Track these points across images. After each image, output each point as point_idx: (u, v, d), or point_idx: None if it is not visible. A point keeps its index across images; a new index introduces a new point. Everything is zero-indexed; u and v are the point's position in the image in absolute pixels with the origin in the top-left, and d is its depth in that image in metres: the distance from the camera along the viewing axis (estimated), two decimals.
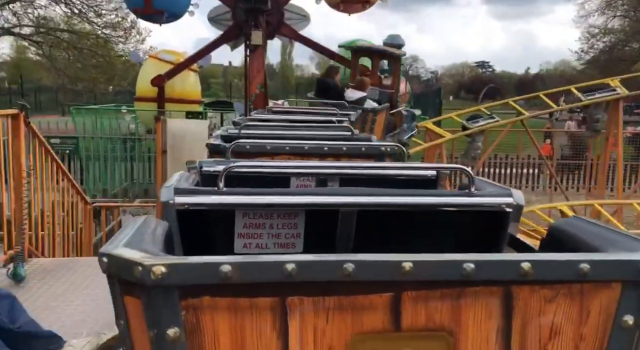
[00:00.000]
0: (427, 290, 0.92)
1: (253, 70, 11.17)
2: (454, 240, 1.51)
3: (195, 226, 1.41)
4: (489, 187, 1.45)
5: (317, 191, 1.58)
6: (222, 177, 1.32)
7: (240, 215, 1.42)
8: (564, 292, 0.94)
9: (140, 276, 0.84)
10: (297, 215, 1.45)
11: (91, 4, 24.25)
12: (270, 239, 1.46)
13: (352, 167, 1.79)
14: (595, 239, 1.08)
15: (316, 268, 0.88)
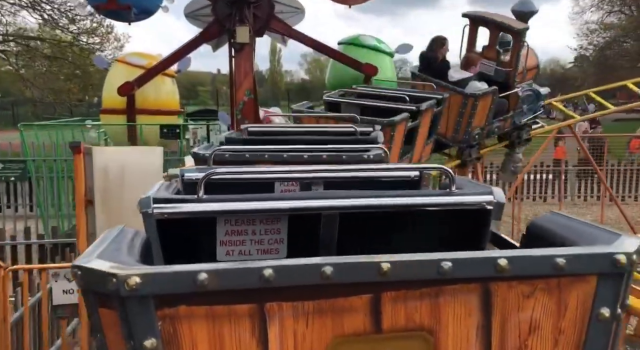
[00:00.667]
0: (406, 290, 0.93)
1: (240, 73, 9.40)
2: (437, 240, 1.49)
3: (176, 235, 1.39)
4: (470, 186, 1.46)
5: (298, 195, 1.55)
6: (201, 184, 1.30)
7: (221, 222, 1.40)
8: (542, 287, 0.95)
9: (114, 287, 0.83)
10: (279, 220, 1.43)
11: (63, 10, 22.32)
12: (253, 245, 1.44)
13: (335, 171, 1.69)
14: (572, 233, 1.11)
15: (294, 272, 0.88)
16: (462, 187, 1.44)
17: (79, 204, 2.71)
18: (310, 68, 63.44)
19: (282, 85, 61.58)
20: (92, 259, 0.89)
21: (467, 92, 6.16)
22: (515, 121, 6.98)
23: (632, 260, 0.95)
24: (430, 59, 6.79)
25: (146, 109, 9.83)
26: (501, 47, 6.90)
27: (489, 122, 6.55)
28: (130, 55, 10.64)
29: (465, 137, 6.45)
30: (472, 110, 6.18)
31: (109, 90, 9.92)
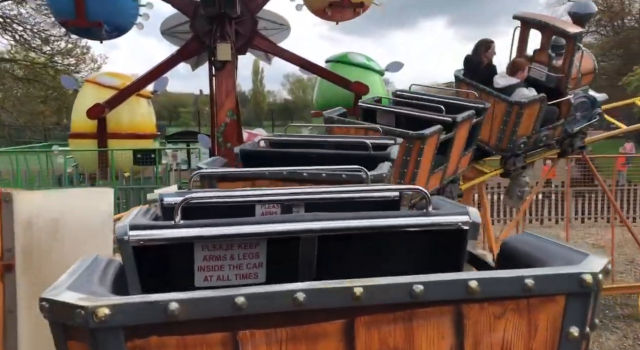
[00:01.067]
0: (379, 315, 0.93)
1: (221, 93, 8.73)
2: (416, 261, 1.48)
3: (153, 261, 1.37)
4: (446, 206, 1.46)
5: (276, 219, 1.49)
6: (177, 209, 1.28)
7: (199, 247, 1.38)
8: (512, 307, 0.97)
9: (82, 320, 0.82)
10: (258, 244, 1.42)
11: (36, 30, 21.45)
12: (232, 270, 1.42)
13: (316, 192, 1.69)
14: (542, 253, 1.14)
15: (266, 299, 0.88)
16: (439, 208, 1.45)
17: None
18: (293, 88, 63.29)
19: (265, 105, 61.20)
20: (61, 291, 0.87)
21: (511, 100, 5.78)
22: (567, 129, 6.50)
23: (598, 280, 0.96)
24: (475, 62, 6.35)
25: (119, 133, 9.07)
26: (554, 51, 6.42)
27: (536, 130, 6.12)
28: (102, 75, 9.90)
29: (510, 145, 6.05)
30: (517, 118, 5.82)
31: (78, 113, 9.14)
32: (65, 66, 23.04)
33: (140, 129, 9.46)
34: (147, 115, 9.69)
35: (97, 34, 9.05)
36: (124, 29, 9.43)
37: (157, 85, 9.70)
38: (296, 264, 1.45)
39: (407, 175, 4.27)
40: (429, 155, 4.46)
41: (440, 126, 4.38)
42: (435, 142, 4.42)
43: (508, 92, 5.89)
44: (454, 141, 4.79)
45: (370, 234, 1.45)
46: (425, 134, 4.15)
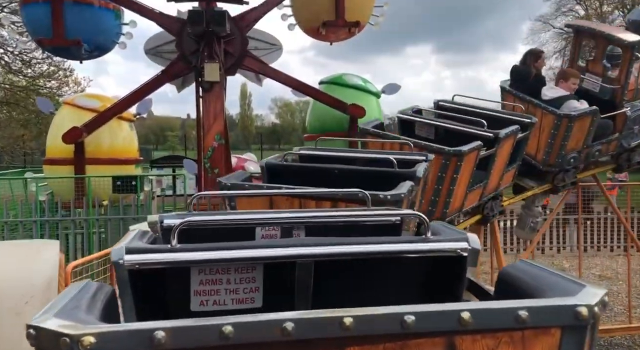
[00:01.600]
0: (370, 345, 0.91)
1: (209, 115, 8.19)
2: (414, 287, 1.45)
3: (149, 285, 1.34)
4: (445, 232, 1.44)
5: (272, 243, 1.48)
6: (174, 233, 1.27)
7: (195, 272, 1.36)
8: (506, 340, 0.94)
9: (68, 348, 0.81)
10: (254, 268, 1.40)
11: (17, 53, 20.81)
12: (228, 294, 1.40)
13: (316, 216, 1.68)
14: (539, 282, 1.12)
15: (254, 328, 0.87)
16: (439, 233, 1.42)
17: None
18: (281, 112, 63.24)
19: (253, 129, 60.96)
20: (48, 318, 0.87)
21: (560, 113, 5.49)
22: (622, 144, 6.11)
23: (594, 312, 0.94)
24: (522, 73, 6.01)
25: (98, 158, 8.41)
26: (609, 62, 6.07)
27: (588, 145, 5.78)
28: (80, 97, 9.29)
29: (558, 160, 5.69)
30: (567, 132, 5.53)
31: (53, 137, 8.49)
32: (48, 89, 22.34)
33: (121, 153, 8.82)
34: (128, 139, 9.07)
35: (76, 53, 8.50)
36: (106, 49, 8.90)
37: (140, 108, 9.12)
38: (293, 289, 1.43)
39: (442, 192, 4.05)
40: (467, 172, 4.22)
41: (479, 142, 4.15)
42: (474, 159, 4.19)
43: (557, 104, 5.53)
44: (495, 157, 4.53)
45: (368, 259, 1.43)
46: (462, 151, 3.93)
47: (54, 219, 7.71)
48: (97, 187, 8.07)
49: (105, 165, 8.47)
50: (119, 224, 7.72)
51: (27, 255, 1.45)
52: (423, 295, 1.06)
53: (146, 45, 8.81)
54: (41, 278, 1.46)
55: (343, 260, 1.40)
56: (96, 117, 8.17)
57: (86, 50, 8.38)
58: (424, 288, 1.48)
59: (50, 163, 8.62)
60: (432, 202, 4.13)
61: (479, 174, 4.52)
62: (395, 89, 9.63)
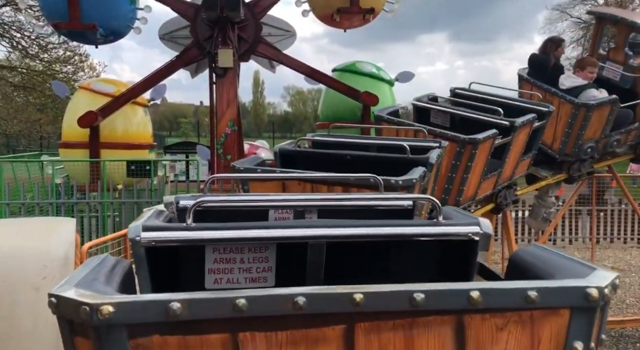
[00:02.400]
0: (379, 321, 0.93)
1: (222, 102, 8.22)
2: (425, 271, 1.47)
3: (166, 263, 1.39)
4: (457, 216, 1.45)
5: (286, 224, 1.53)
6: (190, 212, 1.29)
7: (210, 250, 1.39)
8: (515, 319, 0.95)
9: (87, 316, 0.84)
10: (267, 248, 1.43)
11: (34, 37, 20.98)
12: (242, 273, 1.43)
13: (329, 199, 1.71)
14: (549, 265, 1.12)
15: (267, 302, 0.89)
16: (450, 218, 1.43)
17: None
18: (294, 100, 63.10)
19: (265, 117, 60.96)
20: (68, 288, 0.89)
21: (578, 102, 5.40)
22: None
23: (605, 294, 0.94)
24: (542, 62, 5.91)
25: (113, 143, 8.51)
26: (631, 50, 5.96)
27: (606, 134, 5.69)
28: (96, 81, 9.37)
29: (575, 150, 5.61)
30: (584, 121, 5.44)
31: (69, 121, 8.59)
32: (64, 74, 22.54)
33: (135, 138, 8.91)
34: (142, 124, 9.16)
35: (92, 37, 8.55)
36: (121, 33, 8.94)
37: (155, 93, 9.18)
38: (305, 270, 1.44)
39: (455, 180, 4.04)
40: (482, 160, 4.19)
41: (495, 130, 4.11)
42: (489, 147, 4.15)
43: (575, 93, 5.45)
44: (511, 146, 4.48)
45: (380, 242, 1.44)
46: (477, 139, 3.90)
47: (70, 201, 7.85)
48: (112, 171, 8.18)
49: (119, 150, 8.58)
50: (132, 207, 7.83)
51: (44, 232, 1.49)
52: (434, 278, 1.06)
53: (161, 31, 8.83)
54: (58, 254, 1.49)
55: (355, 242, 1.41)
56: (111, 101, 8.25)
57: (101, 34, 8.43)
58: (434, 272, 1.49)
59: (65, 147, 8.75)
60: (445, 190, 4.12)
61: (493, 163, 4.48)
62: (409, 77, 9.56)
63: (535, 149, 5.26)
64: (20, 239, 1.46)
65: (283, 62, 8.62)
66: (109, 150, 8.47)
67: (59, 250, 1.50)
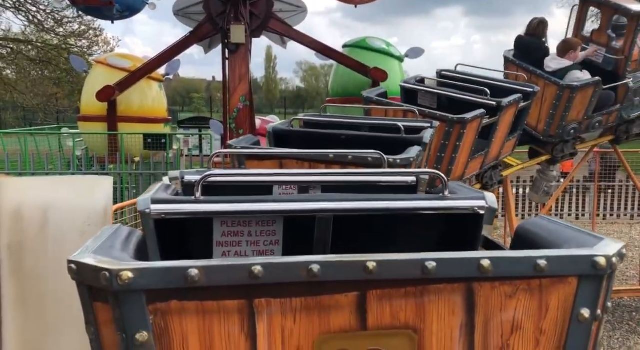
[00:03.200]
0: (391, 289, 0.95)
1: (234, 77, 8.44)
2: (430, 244, 1.48)
3: (174, 236, 1.41)
4: (462, 191, 1.46)
5: (293, 198, 1.55)
6: (198, 185, 1.30)
7: (218, 223, 1.41)
8: (524, 287, 0.97)
9: (107, 282, 0.86)
10: (275, 222, 1.44)
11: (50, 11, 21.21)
12: (249, 246, 1.45)
13: (333, 174, 1.71)
14: (556, 236, 1.14)
15: (282, 269, 0.90)
16: (456, 192, 1.45)
17: None
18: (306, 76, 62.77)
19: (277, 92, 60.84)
20: (87, 255, 0.91)
21: (562, 84, 5.44)
22: (622, 115, 6.09)
23: (612, 263, 0.96)
24: (528, 44, 5.95)
25: (129, 117, 8.83)
26: (614, 32, 5.97)
27: (589, 116, 5.78)
28: (112, 56, 9.65)
29: (559, 131, 5.70)
30: (568, 103, 5.49)
31: (87, 95, 8.91)
32: (79, 48, 22.83)
33: (151, 113, 9.21)
34: (158, 99, 9.44)
35: (108, 13, 8.79)
36: (136, 9, 9.16)
37: (169, 68, 9.43)
38: (311, 244, 1.45)
39: (444, 160, 4.11)
40: (470, 140, 4.25)
41: (482, 110, 4.15)
42: (476, 127, 4.21)
43: (560, 75, 5.52)
44: (497, 126, 4.55)
45: (386, 217, 1.44)
46: (466, 119, 3.94)
47: (90, 172, 8.23)
48: (129, 144, 8.52)
49: (136, 124, 8.90)
50: (149, 179, 8.18)
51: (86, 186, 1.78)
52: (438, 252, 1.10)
53: (175, 7, 9.01)
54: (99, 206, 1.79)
55: (361, 217, 1.44)
56: (128, 76, 8.52)
57: (117, 10, 8.65)
58: (439, 246, 1.49)
59: (84, 120, 9.10)
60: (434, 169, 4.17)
61: (480, 143, 4.54)
62: (418, 53, 9.66)
63: (520, 129, 5.35)
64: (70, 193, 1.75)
65: (294, 38, 8.78)
66: (125, 124, 8.80)
67: (99, 202, 1.79)
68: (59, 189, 1.70)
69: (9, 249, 1.74)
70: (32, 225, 1.76)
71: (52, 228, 1.76)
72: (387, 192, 1.71)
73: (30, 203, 1.74)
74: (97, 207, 1.79)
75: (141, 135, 8.44)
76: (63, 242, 1.76)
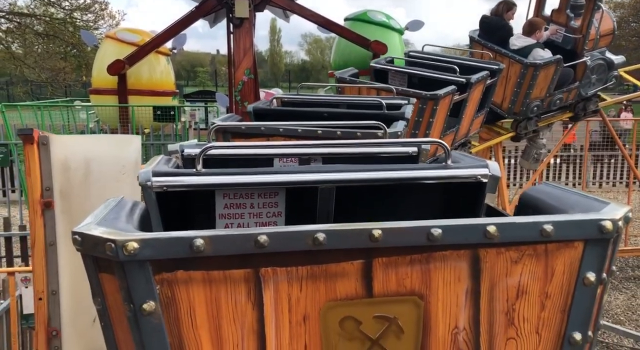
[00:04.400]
0: (397, 256, 0.95)
1: (239, 51, 8.73)
2: (433, 214, 1.38)
3: (176, 209, 1.40)
4: (465, 160, 1.46)
5: (295, 169, 1.48)
6: (199, 158, 1.29)
7: (220, 196, 1.40)
8: (529, 253, 0.97)
9: (113, 252, 0.85)
10: (277, 193, 1.44)
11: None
12: (252, 218, 1.45)
13: (333, 146, 1.71)
14: (561, 202, 1.13)
15: (287, 238, 0.90)
16: (458, 161, 1.45)
17: (34, 208, 2.11)
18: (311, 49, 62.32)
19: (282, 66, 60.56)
20: (92, 226, 0.91)
21: (526, 62, 5.65)
22: (581, 92, 6.36)
23: (618, 226, 0.97)
24: (492, 23, 6.16)
25: (139, 90, 9.19)
26: (572, 12, 6.24)
27: (550, 93, 6.01)
28: (121, 31, 9.93)
29: (523, 108, 5.96)
30: (532, 80, 5.69)
31: (98, 69, 9.26)
32: (84, 22, 23.00)
33: (159, 86, 9.56)
34: (166, 72, 9.77)
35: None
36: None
37: (176, 43, 9.72)
38: (314, 215, 1.46)
39: (418, 137, 4.26)
40: (442, 117, 4.40)
41: (454, 87, 4.30)
42: (448, 103, 4.36)
43: (524, 53, 5.76)
44: (467, 103, 4.69)
45: (389, 187, 1.44)
46: (439, 95, 4.10)
47: None
48: (140, 116, 8.91)
49: (145, 96, 9.27)
50: (159, 149, 8.60)
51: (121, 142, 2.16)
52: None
53: None
54: (131, 158, 2.18)
55: (363, 188, 1.44)
56: (137, 50, 8.83)
57: None
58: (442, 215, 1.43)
59: (96, 93, 9.46)
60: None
61: (451, 120, 4.66)
62: (418, 26, 9.87)
63: (487, 106, 5.48)
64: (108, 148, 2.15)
65: (296, 12, 9.02)
66: (135, 97, 9.16)
67: (132, 155, 2.19)
68: (98, 145, 2.10)
69: (60, 194, 2.17)
70: (77, 174, 2.18)
71: (93, 176, 2.18)
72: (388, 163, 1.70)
73: (75, 156, 2.15)
74: (130, 159, 2.19)
75: (151, 107, 8.81)
76: (102, 188, 2.17)
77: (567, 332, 1.01)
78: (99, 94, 9.39)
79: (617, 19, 38.63)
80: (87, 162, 2.17)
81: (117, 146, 2.20)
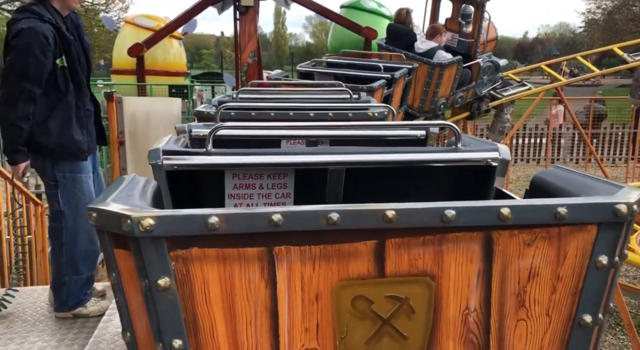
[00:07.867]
0: (410, 237, 0.95)
1: (244, 36, 9.77)
2: (443, 197, 1.46)
3: (186, 189, 1.40)
4: (476, 143, 1.47)
5: (305, 150, 1.57)
6: (209, 138, 1.30)
7: (229, 176, 1.42)
8: (542, 235, 0.97)
9: (129, 228, 0.86)
10: (286, 174, 1.44)
11: None
12: (261, 199, 1.45)
13: (342, 128, 1.73)
14: (574, 185, 1.14)
15: (302, 217, 0.90)
16: (468, 145, 1.46)
17: (113, 144, 3.27)
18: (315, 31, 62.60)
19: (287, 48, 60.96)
20: (107, 202, 0.92)
21: (433, 62, 6.21)
22: (476, 92, 7.11)
23: (633, 210, 0.97)
24: (399, 30, 6.79)
25: (155, 70, 10.26)
26: (463, 19, 7.02)
27: (453, 92, 6.69)
28: (139, 17, 10.99)
29: (432, 107, 6.52)
30: (439, 79, 6.30)
31: (119, 51, 10.33)
32: (95, 6, 23.96)
33: (173, 67, 10.64)
34: (178, 55, 10.84)
35: None
36: None
37: (187, 27, 10.77)
38: (323, 197, 1.48)
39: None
40: None
41: (384, 80, 4.45)
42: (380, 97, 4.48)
43: (429, 55, 6.31)
44: (392, 98, 4.87)
45: (398, 170, 1.44)
46: (374, 87, 4.28)
47: None
48: (156, 94, 10.01)
49: (160, 76, 10.35)
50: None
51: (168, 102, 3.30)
52: None
53: None
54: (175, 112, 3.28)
55: (372, 170, 1.44)
56: (153, 34, 9.90)
57: None
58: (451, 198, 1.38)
59: (116, 73, 10.57)
60: None
61: None
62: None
63: (405, 103, 5.72)
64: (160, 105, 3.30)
65: (295, 0, 10.03)
66: (151, 77, 10.24)
67: (175, 111, 3.33)
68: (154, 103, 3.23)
69: (129, 135, 3.32)
70: (140, 121, 3.32)
71: (151, 123, 3.32)
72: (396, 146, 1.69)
73: (139, 110, 3.30)
74: (174, 113, 3.34)
75: (166, 86, 9.89)
76: (157, 130, 3.33)
77: (578, 314, 1.01)
78: (119, 74, 10.49)
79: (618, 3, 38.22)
80: (147, 114, 3.31)
81: (166, 104, 3.35)
